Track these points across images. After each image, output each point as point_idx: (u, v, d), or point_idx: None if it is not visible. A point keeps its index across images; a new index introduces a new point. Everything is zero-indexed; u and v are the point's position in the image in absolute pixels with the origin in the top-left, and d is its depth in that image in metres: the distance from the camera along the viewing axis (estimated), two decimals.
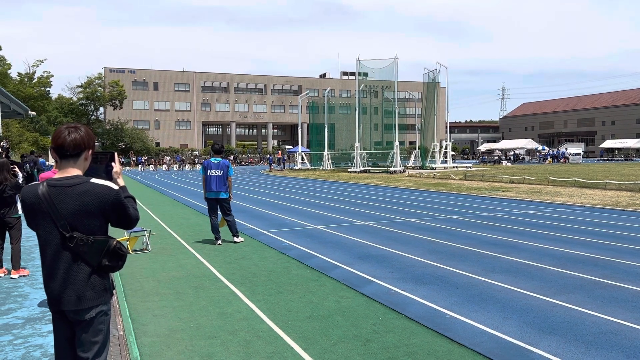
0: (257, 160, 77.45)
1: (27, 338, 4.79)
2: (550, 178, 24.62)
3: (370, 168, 42.59)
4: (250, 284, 6.62)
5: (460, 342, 4.53)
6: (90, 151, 2.72)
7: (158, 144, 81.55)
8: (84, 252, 2.58)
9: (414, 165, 44.14)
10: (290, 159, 65.96)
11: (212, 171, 9.54)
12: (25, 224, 2.83)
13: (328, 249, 8.84)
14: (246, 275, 7.09)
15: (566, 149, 70.42)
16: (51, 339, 4.55)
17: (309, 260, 8.01)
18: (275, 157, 58.49)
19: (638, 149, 76.39)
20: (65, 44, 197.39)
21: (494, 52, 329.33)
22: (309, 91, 74.84)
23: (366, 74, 48.03)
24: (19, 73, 55.91)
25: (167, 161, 62.31)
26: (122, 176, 2.88)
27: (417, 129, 55.48)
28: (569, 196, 17.57)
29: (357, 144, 42.16)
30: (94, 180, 2.63)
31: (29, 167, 18.58)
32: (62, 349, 2.68)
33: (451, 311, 5.37)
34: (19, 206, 6.79)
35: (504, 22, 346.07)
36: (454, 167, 42.23)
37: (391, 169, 38.35)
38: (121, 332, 4.87)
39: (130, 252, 8.73)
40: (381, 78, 44.82)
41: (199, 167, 54.91)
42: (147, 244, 9.16)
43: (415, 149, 48.47)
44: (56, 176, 2.64)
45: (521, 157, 68.01)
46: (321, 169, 46.86)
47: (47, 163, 24.71)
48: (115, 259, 2.67)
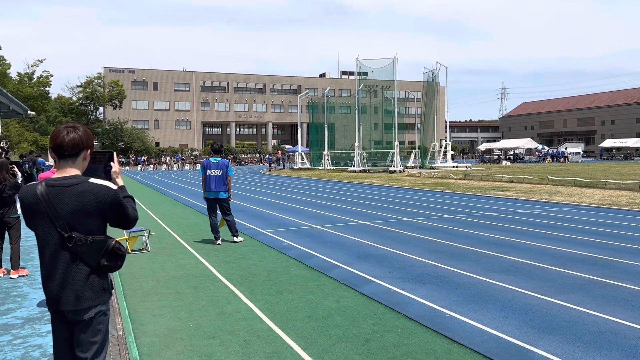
0: (257, 160, 77.43)
1: (26, 338, 4.79)
2: (550, 177, 24.62)
3: (369, 168, 42.59)
4: (249, 284, 6.62)
5: (460, 341, 4.52)
6: (89, 151, 2.71)
7: (158, 143, 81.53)
8: (82, 252, 2.58)
9: (413, 165, 44.18)
10: (289, 158, 65.96)
11: (212, 171, 9.53)
12: (24, 223, 2.82)
13: (327, 249, 8.84)
14: (245, 275, 7.09)
15: (566, 148, 70.41)
16: (50, 339, 4.53)
17: (309, 259, 8.00)
18: (274, 156, 58.47)
19: (637, 149, 76.41)
20: (64, 44, 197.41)
21: (493, 52, 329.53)
22: (308, 91, 74.80)
23: (366, 74, 48.08)
24: (18, 73, 55.85)
25: (167, 161, 62.26)
26: (121, 176, 2.87)
27: (416, 128, 55.46)
28: (569, 195, 17.58)
29: (356, 144, 42.16)
30: (92, 180, 2.62)
31: (27, 166, 18.57)
32: (61, 349, 2.67)
33: (451, 311, 5.37)
34: (18, 206, 6.79)
35: (503, 22, 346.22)
36: (453, 167, 42.24)
37: (391, 168, 38.36)
38: (120, 332, 4.87)
39: (130, 251, 8.73)
40: (381, 77, 44.85)
41: (198, 166, 54.91)
42: (147, 244, 9.16)
43: (415, 148, 48.53)
44: (55, 176, 2.63)
45: (521, 157, 68.02)
46: (321, 168, 46.84)
47: (46, 163, 24.70)
48: (114, 259, 2.67)
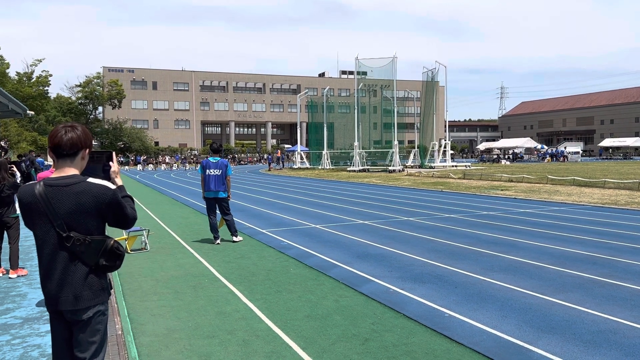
0: (256, 159, 77.42)
1: (25, 338, 4.78)
2: (549, 177, 24.62)
3: (369, 167, 42.59)
4: (248, 283, 6.61)
5: (459, 341, 4.52)
6: (88, 150, 2.70)
7: (157, 143, 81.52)
8: (81, 251, 2.57)
9: (413, 164, 44.18)
10: (289, 158, 65.96)
11: (211, 170, 9.52)
12: (23, 223, 2.82)
13: (327, 248, 8.84)
14: (245, 275, 7.09)
15: (565, 147, 70.49)
16: (49, 339, 4.53)
17: (308, 259, 8.00)
18: (274, 156, 58.49)
19: (637, 148, 76.47)
20: (64, 43, 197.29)
21: (492, 51, 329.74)
22: (307, 90, 74.74)
23: (365, 73, 48.11)
24: (17, 72, 55.73)
25: (169, 161, 62.20)
26: (120, 175, 2.87)
27: (416, 127, 55.50)
28: (568, 195, 17.58)
29: (356, 143, 42.16)
30: (90, 180, 2.61)
31: (24, 166, 18.55)
32: (60, 349, 2.67)
33: (450, 310, 5.37)
34: (17, 206, 6.78)
35: (502, 21, 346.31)
36: (452, 166, 42.24)
37: (390, 167, 38.36)
38: (119, 332, 4.86)
39: (129, 251, 8.73)
40: (380, 77, 44.90)
41: (197, 166, 54.88)
42: (146, 244, 9.15)
43: (414, 147, 48.54)
44: (53, 176, 2.63)
45: (520, 156, 68.04)
46: (320, 168, 46.85)
47: (45, 162, 24.67)
48: (113, 258, 2.66)
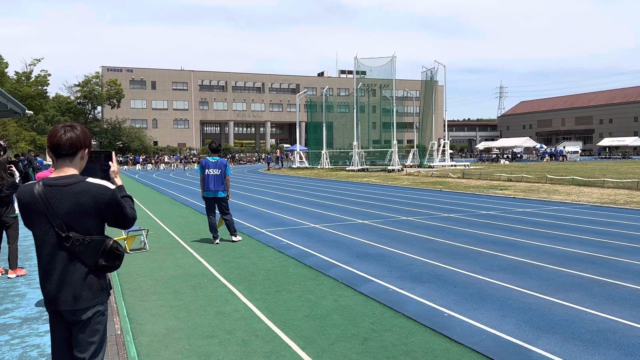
0: (255, 159, 77.40)
1: (24, 338, 4.78)
2: (548, 176, 24.64)
3: (368, 166, 42.61)
4: (248, 283, 6.61)
5: (459, 340, 4.52)
6: (87, 150, 2.70)
7: (156, 142, 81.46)
8: (80, 251, 2.57)
9: (412, 164, 44.25)
10: (288, 157, 65.96)
11: (210, 170, 9.52)
12: (22, 223, 2.81)
13: (326, 248, 8.84)
14: (244, 274, 7.08)
15: (564, 147, 70.55)
16: (48, 339, 4.54)
17: (307, 259, 8.00)
18: (273, 155, 58.48)
19: (636, 147, 76.56)
20: (62, 43, 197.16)
21: (492, 51, 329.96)
22: (307, 90, 74.79)
23: (364, 73, 48.13)
24: (16, 72, 55.66)
25: (168, 160, 62.16)
26: (119, 175, 2.86)
27: (415, 127, 55.51)
28: (567, 194, 17.59)
29: (355, 143, 42.18)
30: (90, 180, 2.60)
31: (22, 165, 18.55)
32: (59, 349, 2.66)
33: (449, 310, 5.37)
34: (16, 205, 6.77)
35: (502, 21, 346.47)
36: (452, 166, 42.27)
37: (389, 167, 38.37)
38: (118, 332, 4.86)
39: (128, 251, 8.72)
40: (379, 76, 44.91)
41: (196, 166, 54.87)
42: (145, 243, 9.14)
43: (414, 147, 48.56)
44: (52, 175, 2.62)
45: (519, 156, 68.08)
46: (319, 167, 46.86)
47: (44, 162, 24.65)
48: (112, 258, 2.66)
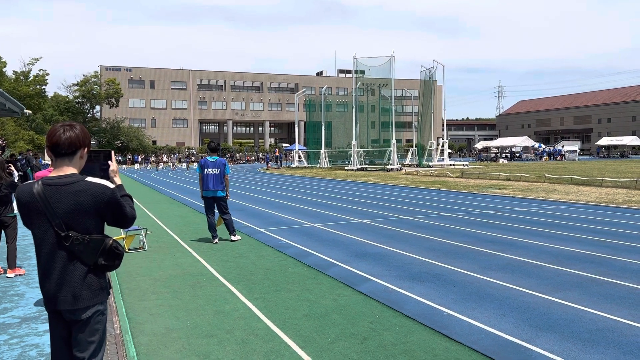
0: (254, 158, 77.36)
1: (23, 337, 4.77)
2: (547, 175, 24.67)
3: (367, 166, 42.64)
4: (247, 283, 6.61)
5: (458, 339, 4.53)
6: (86, 149, 2.70)
7: (154, 142, 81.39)
8: (79, 251, 2.56)
9: (410, 163, 44.27)
10: (287, 157, 65.95)
11: (209, 169, 9.51)
12: (21, 222, 2.81)
13: (325, 247, 8.84)
14: (243, 274, 7.08)
15: (562, 146, 70.57)
16: (47, 339, 4.53)
17: (306, 258, 8.00)
18: (272, 155, 58.47)
19: (634, 147, 76.62)
20: (61, 42, 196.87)
21: (490, 50, 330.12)
22: (305, 89, 74.74)
23: (363, 72, 48.16)
24: (14, 71, 55.61)
25: (167, 159, 62.13)
26: (118, 174, 2.86)
27: (414, 126, 55.53)
28: (566, 193, 17.61)
29: (354, 142, 42.18)
30: (89, 179, 2.60)
31: (20, 165, 18.54)
32: (59, 348, 2.66)
33: (448, 309, 5.37)
34: (15, 205, 6.76)
35: (500, 21, 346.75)
36: (450, 165, 42.29)
37: (388, 166, 38.39)
38: (118, 331, 4.86)
39: (127, 250, 8.71)
40: (378, 76, 44.94)
41: (195, 165, 54.83)
42: (144, 243, 9.14)
43: (412, 146, 48.59)
44: (51, 175, 2.62)
45: (518, 155, 68.17)
46: (318, 166, 46.85)
47: (43, 162, 24.63)
48: (112, 258, 2.66)
